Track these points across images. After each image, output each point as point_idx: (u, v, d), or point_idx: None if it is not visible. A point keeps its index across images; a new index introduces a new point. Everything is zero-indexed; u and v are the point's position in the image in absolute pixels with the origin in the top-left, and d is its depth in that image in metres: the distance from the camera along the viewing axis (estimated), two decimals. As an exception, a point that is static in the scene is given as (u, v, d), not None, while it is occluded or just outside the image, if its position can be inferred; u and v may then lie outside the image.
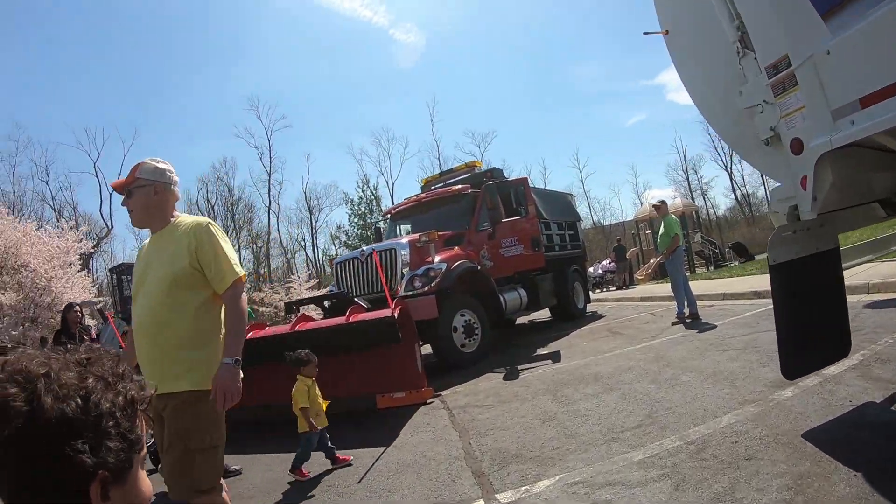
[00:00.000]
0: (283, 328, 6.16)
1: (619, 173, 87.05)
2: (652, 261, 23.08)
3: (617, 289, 18.64)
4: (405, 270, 7.33)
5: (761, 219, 45.55)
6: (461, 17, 57.91)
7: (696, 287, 8.80)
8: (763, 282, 9.94)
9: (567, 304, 10.58)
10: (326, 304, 7.80)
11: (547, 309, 10.68)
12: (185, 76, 53.16)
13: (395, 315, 5.24)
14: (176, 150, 51.27)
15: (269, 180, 41.43)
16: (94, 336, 14.98)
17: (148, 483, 0.79)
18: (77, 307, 5.37)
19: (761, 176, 46.53)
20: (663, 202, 8.81)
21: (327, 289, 10.86)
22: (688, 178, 46.94)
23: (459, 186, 8.93)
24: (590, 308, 12.13)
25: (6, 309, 16.74)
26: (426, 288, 6.95)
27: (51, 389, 0.67)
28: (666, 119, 60.47)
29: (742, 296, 9.13)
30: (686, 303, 7.79)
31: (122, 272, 15.93)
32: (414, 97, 60.51)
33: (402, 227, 9.61)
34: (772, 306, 3.11)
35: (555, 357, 6.81)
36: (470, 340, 7.29)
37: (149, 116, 51.40)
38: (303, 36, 56.26)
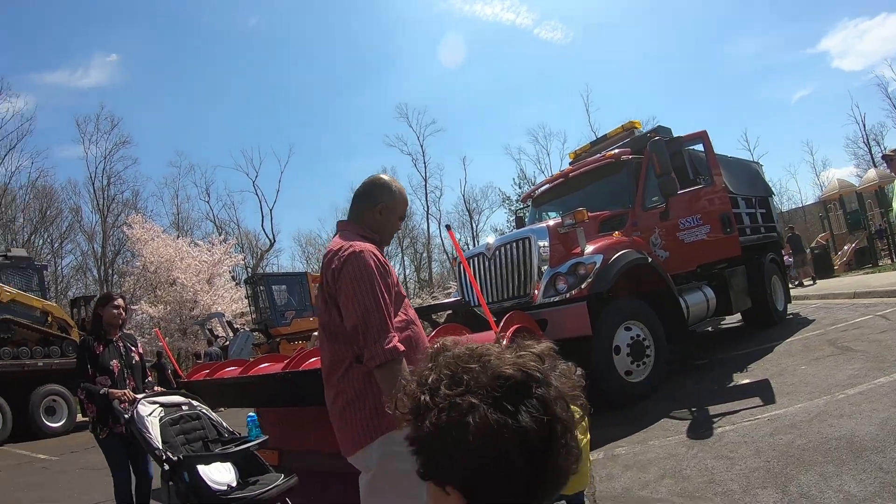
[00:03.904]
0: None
1: (793, 152, 74.68)
2: (846, 247, 18.73)
3: (811, 282, 14.83)
4: (545, 268, 5.35)
5: (960, 190, 36.61)
6: (605, 5, 54.30)
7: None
8: None
9: (765, 306, 7.83)
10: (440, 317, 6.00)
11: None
12: (333, 91, 56.44)
13: (505, 339, 3.26)
14: (331, 164, 54.71)
15: (426, 185, 41.45)
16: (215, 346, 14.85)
17: None
18: (118, 299, 3.95)
19: (956, 138, 37.36)
20: None
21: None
22: (870, 150, 38.80)
23: (616, 151, 6.65)
24: (790, 308, 9.16)
25: (156, 320, 17.86)
26: (574, 291, 4.98)
27: None
28: (835, 89, 50.71)
29: None
30: None
31: (256, 283, 15.85)
32: (567, 91, 58.46)
33: (548, 214, 7.51)
34: None
35: (765, 394, 4.43)
36: (639, 365, 5.15)
37: (302, 133, 55.40)
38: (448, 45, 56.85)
